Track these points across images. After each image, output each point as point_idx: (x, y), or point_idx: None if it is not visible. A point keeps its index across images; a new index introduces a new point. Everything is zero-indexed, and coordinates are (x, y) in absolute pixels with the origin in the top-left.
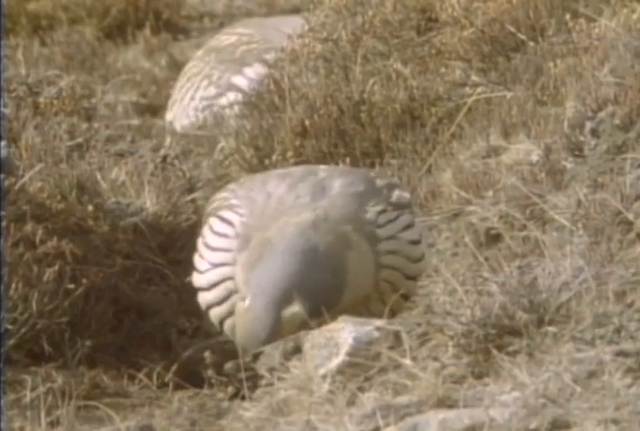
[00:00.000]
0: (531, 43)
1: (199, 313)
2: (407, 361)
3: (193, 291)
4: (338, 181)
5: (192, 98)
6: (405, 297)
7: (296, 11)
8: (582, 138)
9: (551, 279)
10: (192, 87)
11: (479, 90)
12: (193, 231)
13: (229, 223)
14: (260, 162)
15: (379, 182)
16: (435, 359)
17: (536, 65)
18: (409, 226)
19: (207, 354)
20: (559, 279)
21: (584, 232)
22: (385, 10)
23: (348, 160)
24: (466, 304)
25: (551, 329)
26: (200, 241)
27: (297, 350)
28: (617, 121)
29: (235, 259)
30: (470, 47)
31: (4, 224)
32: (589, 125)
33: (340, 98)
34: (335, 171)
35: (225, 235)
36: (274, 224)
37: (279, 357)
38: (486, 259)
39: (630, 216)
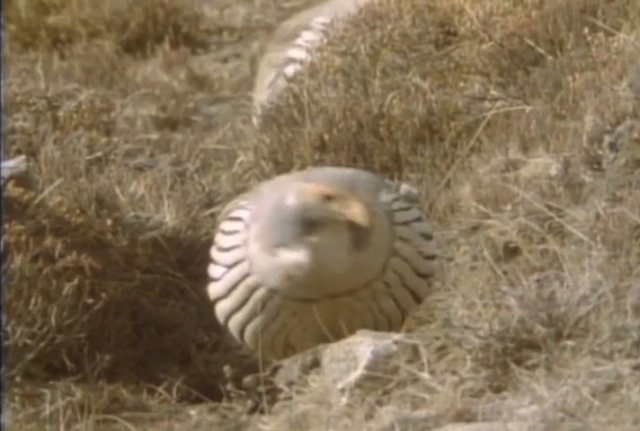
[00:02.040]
0: (550, 57)
1: (218, 328)
2: (425, 375)
3: (212, 305)
4: (349, 171)
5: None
6: (417, 298)
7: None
8: (600, 152)
9: (569, 293)
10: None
11: (498, 104)
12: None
13: (238, 219)
14: (279, 176)
15: (387, 180)
16: (453, 373)
17: (554, 79)
18: (420, 219)
19: (226, 368)
20: (577, 293)
21: (603, 245)
22: (403, 24)
23: None
24: (485, 318)
25: (569, 342)
26: (212, 250)
27: (316, 364)
28: (635, 135)
29: (245, 238)
30: (489, 61)
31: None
32: (607, 139)
33: (359, 112)
34: (342, 168)
35: (235, 232)
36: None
37: (297, 371)
38: (505, 272)
39: None
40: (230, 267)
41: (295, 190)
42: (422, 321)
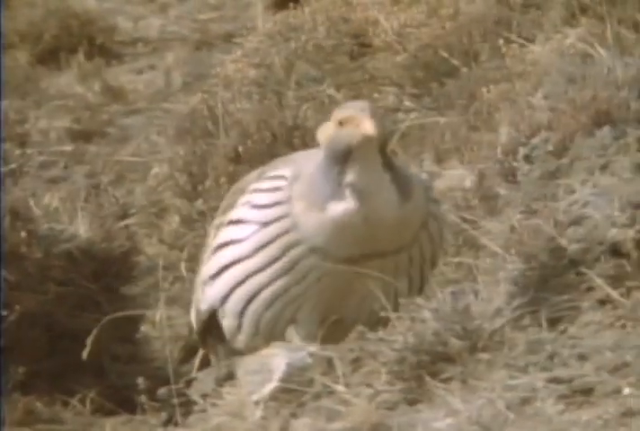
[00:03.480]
0: (464, 69)
1: (132, 340)
2: (340, 387)
3: (127, 318)
4: None
5: None
6: (418, 288)
7: (229, 36)
8: (515, 164)
9: (484, 306)
10: None
11: (412, 115)
12: (127, 257)
13: (280, 177)
14: (193, 188)
15: None
16: (368, 385)
17: (469, 91)
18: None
19: (140, 380)
20: (492, 306)
21: (517, 258)
22: (318, 35)
23: None
24: (399, 331)
25: (484, 355)
26: (239, 211)
27: (231, 376)
28: (550, 147)
29: (288, 196)
30: (403, 72)
31: None
32: (522, 151)
33: (273, 123)
34: None
35: (277, 189)
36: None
37: (212, 383)
38: None
39: (563, 242)
40: (266, 224)
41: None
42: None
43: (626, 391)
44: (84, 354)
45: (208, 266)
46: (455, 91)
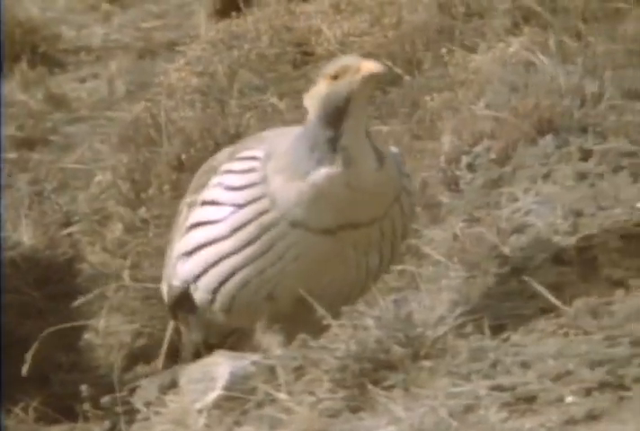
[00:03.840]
0: (407, 77)
1: (76, 348)
2: (283, 395)
3: (71, 327)
4: None
5: None
6: (386, 265)
7: (172, 45)
8: (458, 172)
9: (427, 313)
10: None
11: None
12: (70, 265)
13: (252, 158)
14: (136, 195)
15: None
16: (311, 393)
17: (412, 100)
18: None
19: (83, 388)
20: (435, 313)
21: (460, 266)
22: (261, 44)
23: None
24: (342, 339)
25: (427, 363)
26: (212, 192)
27: (174, 384)
28: (492, 156)
29: (263, 175)
30: None
31: None
32: (465, 159)
33: (216, 132)
34: None
35: (250, 170)
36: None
37: (155, 391)
38: None
39: (506, 250)
40: (241, 206)
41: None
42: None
43: (569, 399)
44: (24, 369)
45: (182, 243)
46: (398, 99)
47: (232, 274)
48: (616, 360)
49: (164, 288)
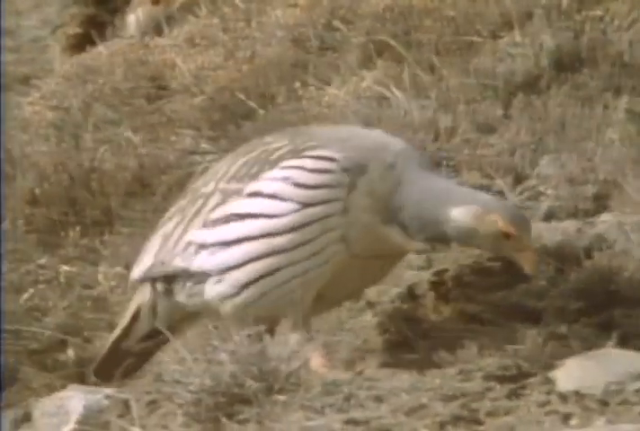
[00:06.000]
0: (261, 111)
1: None
2: (137, 429)
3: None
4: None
5: None
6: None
7: (26, 79)
8: None
9: (281, 348)
10: None
11: (209, 157)
12: None
13: (329, 159)
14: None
15: None
16: (164, 427)
17: (266, 133)
18: None
19: None
20: (288, 348)
21: None
22: (115, 78)
23: (78, 228)
24: (196, 373)
25: (281, 397)
26: (265, 186)
27: (27, 418)
28: None
29: (340, 181)
30: (200, 114)
31: None
32: None
33: (70, 166)
34: None
35: (327, 171)
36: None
37: (8, 425)
38: (216, 327)
39: None
40: (309, 205)
41: (472, 212)
42: (134, 375)
43: None
44: None
45: (216, 232)
46: (251, 133)
47: (277, 269)
48: (469, 394)
49: (146, 263)
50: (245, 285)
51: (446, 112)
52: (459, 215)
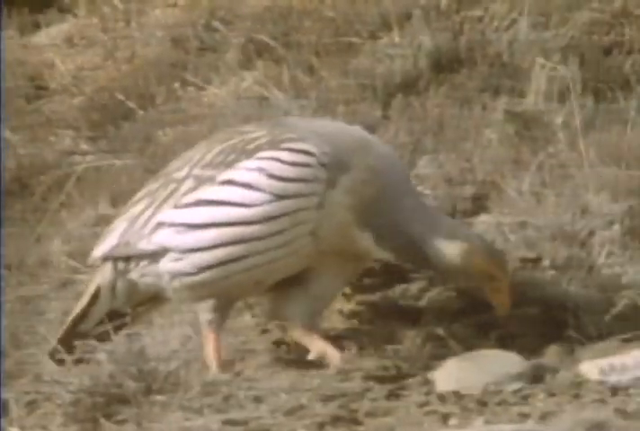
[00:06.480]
0: (141, 111)
1: None
2: (16, 430)
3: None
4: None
5: None
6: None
7: None
8: None
9: (160, 348)
10: None
11: (88, 158)
12: None
13: (307, 153)
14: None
15: None
16: (43, 428)
17: (145, 134)
18: None
19: None
20: (168, 348)
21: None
22: None
23: None
24: (75, 373)
25: (160, 397)
26: (239, 175)
27: None
28: None
29: (317, 176)
30: (80, 115)
31: None
32: None
33: None
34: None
35: (306, 165)
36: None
37: None
38: None
39: None
40: (284, 197)
41: (462, 249)
42: (13, 375)
43: None
44: None
45: (185, 214)
46: (131, 133)
47: (243, 257)
48: (348, 394)
49: (110, 242)
50: (208, 268)
51: (325, 113)
52: (448, 250)
